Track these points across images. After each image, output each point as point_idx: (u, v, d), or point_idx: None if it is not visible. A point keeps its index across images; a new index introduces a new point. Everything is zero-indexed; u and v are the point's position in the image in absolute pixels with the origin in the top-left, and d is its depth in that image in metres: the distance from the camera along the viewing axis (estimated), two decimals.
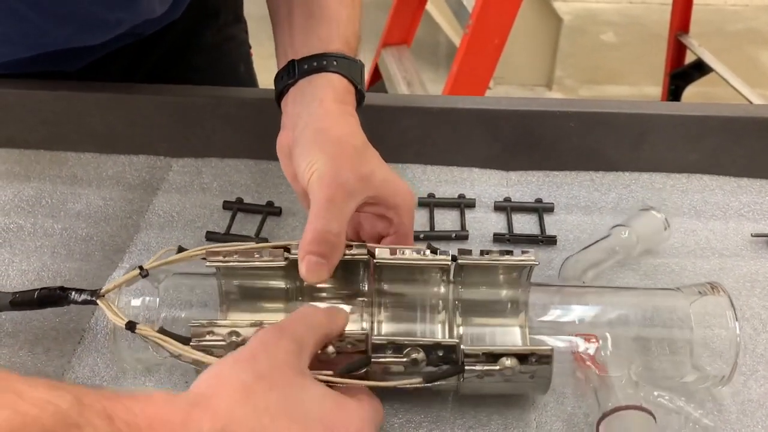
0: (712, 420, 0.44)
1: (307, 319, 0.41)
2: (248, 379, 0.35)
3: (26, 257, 0.57)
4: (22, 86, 0.66)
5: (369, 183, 0.46)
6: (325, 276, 0.43)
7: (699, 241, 0.59)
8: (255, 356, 0.37)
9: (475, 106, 0.65)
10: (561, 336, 0.45)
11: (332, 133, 0.47)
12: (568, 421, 0.45)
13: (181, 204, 0.63)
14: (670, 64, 1.95)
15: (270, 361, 0.37)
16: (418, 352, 0.41)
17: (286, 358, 0.37)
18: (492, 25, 1.32)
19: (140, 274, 0.44)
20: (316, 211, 0.44)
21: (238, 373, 0.36)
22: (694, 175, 0.65)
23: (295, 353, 0.38)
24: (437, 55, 2.36)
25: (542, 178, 0.66)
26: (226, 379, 0.36)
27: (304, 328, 0.40)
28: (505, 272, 0.46)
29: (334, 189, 0.44)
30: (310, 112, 0.49)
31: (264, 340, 0.38)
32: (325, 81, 0.50)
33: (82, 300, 0.44)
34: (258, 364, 0.36)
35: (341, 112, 0.49)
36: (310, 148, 0.46)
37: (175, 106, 0.67)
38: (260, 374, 0.36)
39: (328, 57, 0.51)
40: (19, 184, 0.64)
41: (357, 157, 0.47)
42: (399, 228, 0.48)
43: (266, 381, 0.36)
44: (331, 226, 0.43)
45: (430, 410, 0.46)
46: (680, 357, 0.43)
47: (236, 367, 0.36)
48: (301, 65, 0.51)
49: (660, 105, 0.69)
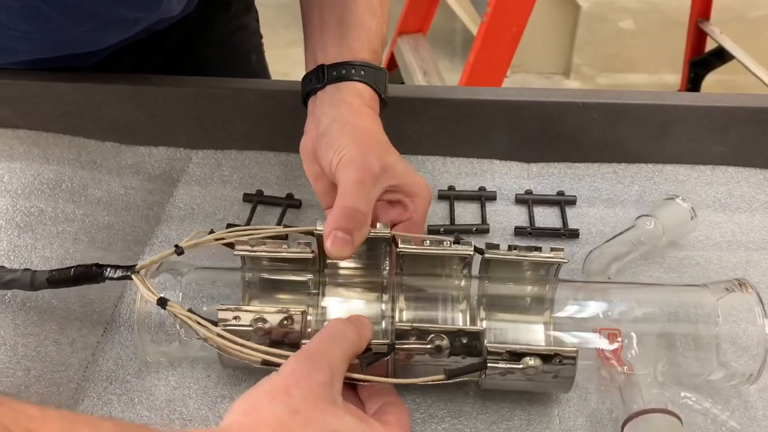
0: (739, 422, 0.44)
1: (337, 340, 0.40)
2: (284, 416, 0.35)
3: (48, 243, 0.56)
4: (44, 78, 0.66)
5: (391, 172, 0.49)
6: (348, 252, 0.44)
7: (724, 234, 0.58)
8: (289, 390, 0.36)
9: (496, 97, 0.64)
10: (585, 333, 0.44)
11: (358, 125, 0.50)
12: (591, 416, 0.45)
13: (201, 196, 0.63)
14: (690, 52, 1.92)
15: (304, 395, 0.36)
16: (441, 339, 0.41)
17: (321, 391, 0.37)
18: (510, 13, 1.31)
19: (176, 252, 0.44)
20: (345, 191, 0.46)
21: (274, 409, 0.35)
22: (719, 166, 0.64)
23: (328, 384, 0.37)
24: (453, 43, 2.34)
25: (564, 171, 0.65)
26: (262, 414, 0.35)
27: (336, 353, 0.39)
28: (532, 269, 0.45)
29: (363, 172, 0.46)
30: (337, 112, 0.51)
31: (296, 372, 0.37)
32: (352, 89, 0.53)
33: (118, 276, 0.44)
34: (292, 399, 0.36)
35: (367, 113, 0.52)
36: (338, 138, 0.49)
37: (194, 98, 0.67)
38: (295, 409, 0.35)
39: (356, 66, 0.53)
40: (39, 167, 0.63)
41: (380, 147, 0.49)
42: (413, 215, 0.50)
43: (301, 416, 0.35)
44: (359, 205, 0.45)
45: (452, 405, 0.46)
46: (706, 354, 0.43)
47: (272, 401, 0.36)
48: (330, 71, 0.53)
49: (684, 96, 0.68)
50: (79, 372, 0.48)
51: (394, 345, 0.42)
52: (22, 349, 0.47)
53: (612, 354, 0.43)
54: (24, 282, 0.46)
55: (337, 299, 0.46)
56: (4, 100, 0.67)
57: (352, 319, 0.42)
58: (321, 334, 0.40)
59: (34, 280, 0.46)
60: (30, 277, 0.46)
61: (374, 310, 0.45)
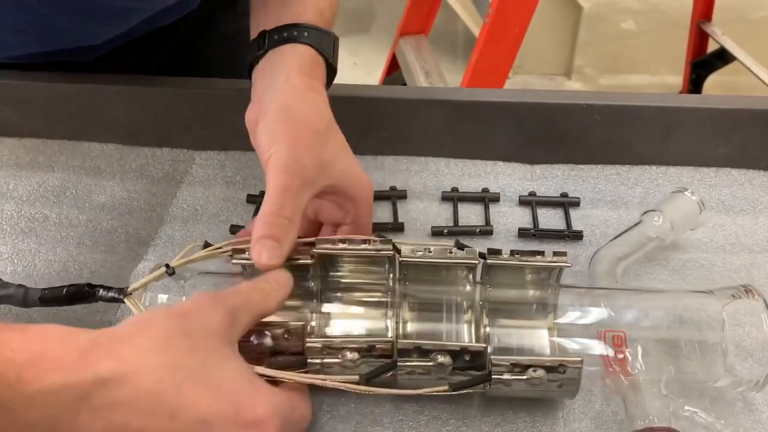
0: (744, 427, 0.44)
1: (244, 295, 0.40)
2: (173, 332, 0.34)
3: (52, 247, 0.57)
4: (46, 79, 0.66)
5: (327, 171, 0.46)
6: (277, 261, 0.42)
7: (728, 236, 0.58)
8: (187, 315, 0.36)
9: (499, 98, 0.64)
10: (589, 339, 0.44)
11: (295, 113, 0.46)
12: (596, 418, 0.45)
13: (204, 197, 0.63)
14: (692, 53, 1.92)
15: (201, 323, 0.36)
16: (444, 356, 0.41)
17: (218, 327, 0.36)
18: (512, 14, 1.31)
19: (166, 272, 0.44)
20: (270, 197, 0.43)
21: (165, 324, 0.35)
22: (723, 169, 0.64)
23: (227, 324, 0.37)
24: (455, 44, 2.34)
25: (567, 172, 0.65)
26: (150, 324, 0.35)
27: (242, 303, 0.39)
28: (535, 273, 0.45)
29: (290, 176, 0.44)
30: (275, 86, 0.48)
31: (200, 303, 0.37)
32: (293, 52, 0.49)
33: (110, 297, 0.44)
34: (188, 322, 0.35)
35: (307, 88, 0.48)
36: (272, 128, 0.46)
37: (197, 99, 0.67)
38: (187, 332, 0.35)
39: (299, 27, 0.50)
40: (44, 174, 0.64)
41: (318, 142, 0.46)
42: (356, 219, 0.48)
43: (191, 340, 0.34)
44: (284, 211, 0.43)
45: (456, 408, 0.46)
46: (713, 361, 0.43)
47: (166, 318, 0.35)
48: (271, 36, 0.50)
49: (688, 98, 0.68)
50: None
51: (396, 362, 0.41)
52: None
53: (616, 361, 0.43)
54: (17, 299, 0.45)
55: (339, 306, 0.45)
56: (7, 101, 0.67)
57: (268, 277, 0.41)
58: (229, 289, 0.40)
59: (27, 298, 0.45)
60: (23, 294, 0.45)
61: (378, 321, 0.45)
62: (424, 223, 0.60)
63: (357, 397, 0.46)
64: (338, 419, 0.45)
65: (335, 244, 0.44)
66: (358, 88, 0.65)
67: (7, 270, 0.55)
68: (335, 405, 0.46)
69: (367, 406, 0.46)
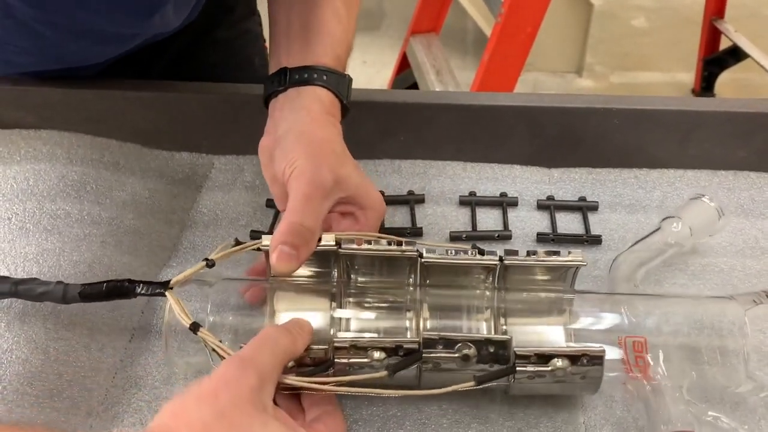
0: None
1: (269, 345, 0.40)
2: (209, 419, 0.35)
3: (76, 246, 0.56)
4: (67, 85, 0.67)
5: (344, 184, 0.49)
6: (293, 268, 0.44)
7: (747, 240, 0.58)
8: (217, 394, 0.37)
9: (517, 103, 0.64)
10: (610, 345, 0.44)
11: (314, 136, 0.50)
12: (617, 424, 0.45)
13: (224, 202, 0.63)
14: (704, 50, 1.92)
15: (232, 399, 0.36)
16: (469, 347, 0.42)
17: (249, 396, 0.37)
18: (525, 13, 1.31)
19: (207, 265, 0.45)
20: (293, 206, 0.46)
21: (200, 412, 0.36)
22: (742, 172, 0.64)
23: (257, 389, 0.37)
24: (465, 42, 2.33)
25: (585, 176, 0.65)
26: (188, 416, 0.36)
27: (269, 358, 0.39)
28: (551, 273, 0.46)
29: (312, 187, 0.47)
30: (295, 118, 0.51)
31: (227, 376, 0.38)
32: (313, 93, 0.53)
33: (151, 293, 0.45)
34: (219, 402, 0.36)
35: (325, 121, 0.52)
36: (292, 149, 0.49)
37: (215, 104, 0.67)
38: (221, 413, 0.36)
39: (318, 70, 0.53)
40: (63, 168, 0.63)
41: (335, 159, 0.49)
42: (364, 228, 0.50)
43: (227, 420, 0.36)
44: (306, 220, 0.45)
45: (478, 411, 0.46)
46: (734, 366, 0.43)
47: (199, 404, 0.36)
48: (292, 74, 0.53)
49: (707, 101, 0.68)
50: (108, 378, 0.48)
51: (421, 353, 0.42)
52: (53, 352, 0.47)
53: (638, 367, 0.43)
54: (56, 295, 0.46)
55: (363, 307, 0.46)
56: (28, 107, 0.67)
57: (289, 325, 0.43)
58: (254, 339, 0.40)
59: (66, 294, 0.46)
60: (62, 291, 0.46)
61: (400, 321, 0.46)
62: (443, 227, 0.60)
63: (379, 400, 0.46)
64: (361, 423, 0.45)
65: (360, 245, 0.46)
66: (376, 92, 0.66)
67: (33, 271, 0.55)
68: (358, 408, 0.46)
69: (390, 409, 0.46)
